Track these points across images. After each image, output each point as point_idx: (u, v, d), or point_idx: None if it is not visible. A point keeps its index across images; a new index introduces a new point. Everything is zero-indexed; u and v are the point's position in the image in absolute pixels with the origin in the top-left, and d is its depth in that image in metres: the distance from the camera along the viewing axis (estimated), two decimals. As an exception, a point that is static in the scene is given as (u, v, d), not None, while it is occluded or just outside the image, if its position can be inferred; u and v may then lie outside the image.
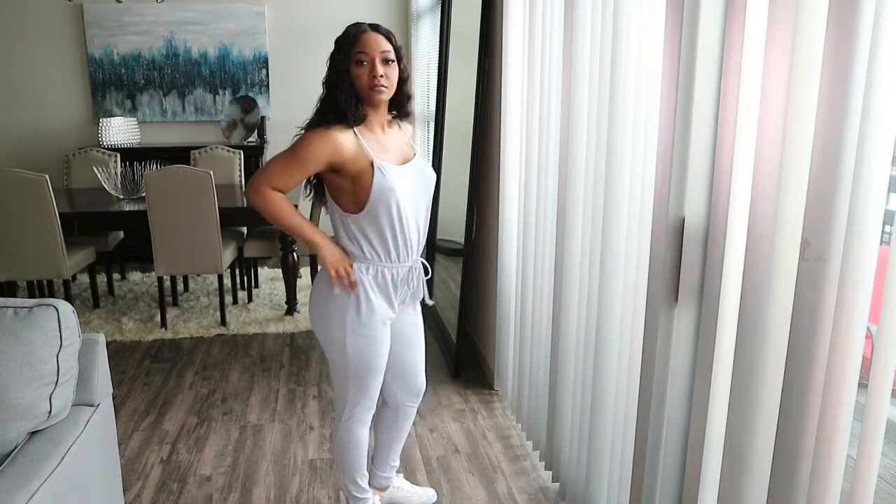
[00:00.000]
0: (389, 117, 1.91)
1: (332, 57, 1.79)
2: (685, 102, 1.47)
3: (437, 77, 4.08)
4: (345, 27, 1.81)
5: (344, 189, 1.82)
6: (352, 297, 1.87)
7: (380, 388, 2.04)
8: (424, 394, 2.23)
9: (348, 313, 1.87)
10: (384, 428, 2.22)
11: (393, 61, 1.79)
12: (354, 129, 1.79)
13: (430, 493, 2.39)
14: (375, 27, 1.80)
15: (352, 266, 1.86)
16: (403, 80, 1.85)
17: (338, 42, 1.79)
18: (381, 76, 1.76)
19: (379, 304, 1.90)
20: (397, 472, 2.36)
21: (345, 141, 1.76)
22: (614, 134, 1.84)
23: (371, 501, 2.19)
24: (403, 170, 1.84)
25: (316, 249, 1.86)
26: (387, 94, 1.80)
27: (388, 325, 1.96)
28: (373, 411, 2.07)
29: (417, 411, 2.98)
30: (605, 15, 1.88)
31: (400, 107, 1.90)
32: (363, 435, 2.06)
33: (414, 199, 1.86)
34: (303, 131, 1.80)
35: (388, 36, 1.80)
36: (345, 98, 1.77)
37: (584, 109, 2.05)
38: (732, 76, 1.36)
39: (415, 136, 1.97)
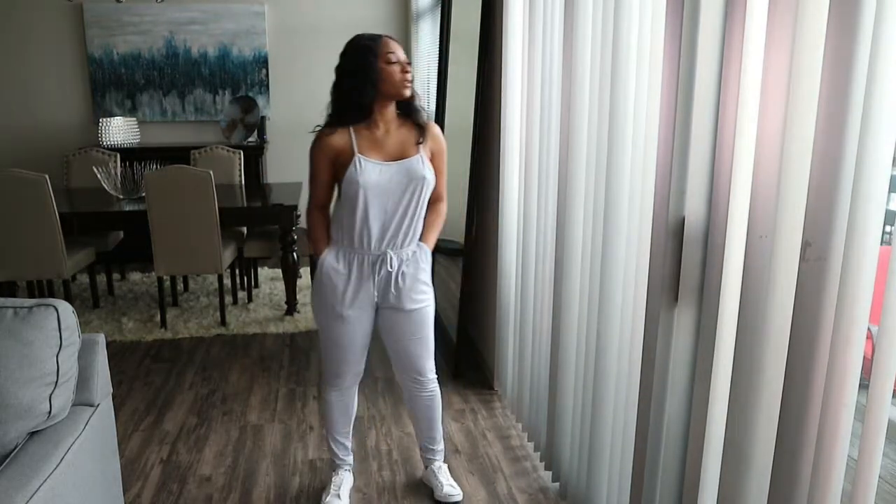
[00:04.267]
0: (398, 119, 2.08)
1: (361, 57, 1.95)
2: (685, 102, 1.47)
3: (437, 77, 4.07)
4: (354, 36, 2.03)
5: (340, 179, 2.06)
6: (321, 279, 2.11)
7: (346, 363, 2.21)
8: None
9: (318, 292, 2.15)
10: (411, 409, 2.38)
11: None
12: (351, 127, 1.99)
13: (456, 495, 2.36)
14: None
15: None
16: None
17: (363, 46, 1.96)
18: (409, 72, 2.01)
19: (339, 284, 2.09)
20: (443, 461, 2.47)
21: (335, 140, 2.00)
22: (614, 134, 1.84)
23: (345, 468, 2.36)
24: (382, 166, 2.00)
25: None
26: (410, 90, 2.02)
27: (359, 308, 2.12)
28: (341, 382, 2.25)
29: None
30: (606, 14, 1.87)
31: (408, 107, 2.08)
32: (334, 399, 2.28)
33: (382, 193, 2.01)
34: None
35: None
36: (369, 93, 1.96)
37: (584, 109, 2.05)
38: (733, 76, 1.36)
39: (428, 135, 2.12)
